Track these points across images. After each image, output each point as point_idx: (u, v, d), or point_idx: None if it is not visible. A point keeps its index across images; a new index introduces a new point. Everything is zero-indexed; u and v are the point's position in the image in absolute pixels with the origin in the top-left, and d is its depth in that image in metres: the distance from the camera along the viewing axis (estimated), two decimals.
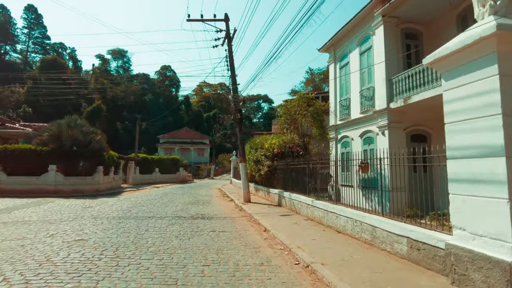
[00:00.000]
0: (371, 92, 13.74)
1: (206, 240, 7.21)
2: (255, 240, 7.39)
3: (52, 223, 9.12)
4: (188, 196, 19.14)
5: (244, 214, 11.60)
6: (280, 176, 14.08)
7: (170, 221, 9.79)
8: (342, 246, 6.51)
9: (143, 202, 14.96)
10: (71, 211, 11.67)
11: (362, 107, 14.40)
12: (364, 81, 14.38)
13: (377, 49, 13.35)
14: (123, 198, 16.88)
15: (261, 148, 16.12)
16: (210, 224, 9.32)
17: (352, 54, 15.51)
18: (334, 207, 8.34)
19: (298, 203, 11.08)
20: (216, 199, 17.74)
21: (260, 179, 15.89)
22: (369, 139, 14.04)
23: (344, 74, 16.23)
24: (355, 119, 14.83)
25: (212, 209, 13.08)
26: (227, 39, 15.35)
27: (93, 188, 19.77)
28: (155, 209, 12.66)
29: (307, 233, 7.86)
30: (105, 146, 21.65)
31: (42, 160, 18.55)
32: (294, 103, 14.18)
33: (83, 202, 14.70)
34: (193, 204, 14.59)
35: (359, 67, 14.75)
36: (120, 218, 10.04)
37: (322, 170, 14.03)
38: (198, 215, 11.24)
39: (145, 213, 11.32)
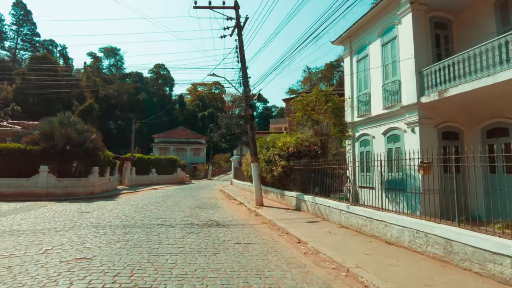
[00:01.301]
0: (397, 86, 12.61)
1: (236, 256, 5.95)
2: (294, 256, 6.15)
3: (45, 234, 7.75)
4: (191, 198, 17.80)
5: (263, 220, 10.35)
6: (297, 177, 12.87)
7: (182, 229, 8.49)
8: (409, 263, 5.31)
9: (145, 206, 13.60)
10: (67, 218, 10.28)
11: (385, 102, 13.27)
12: (388, 74, 13.25)
13: (403, 39, 12.23)
14: (122, 202, 15.47)
15: (273, 147, 14.89)
16: (231, 234, 8.05)
17: (372, 46, 14.38)
18: (382, 214, 7.14)
19: (326, 208, 9.88)
20: (222, 202, 16.45)
21: (273, 180, 14.65)
22: (394, 137, 12.91)
23: (363, 68, 15.10)
24: (377, 115, 13.69)
25: (224, 214, 11.80)
26: (237, 28, 14.08)
27: (87, 191, 18.29)
28: (160, 214, 11.33)
29: (353, 245, 6.65)
30: (100, 145, 20.15)
31: (32, 161, 17.02)
32: (311, 98, 12.98)
33: (78, 207, 13.28)
34: (201, 208, 13.28)
35: (381, 59, 13.63)
36: (125, 227, 8.70)
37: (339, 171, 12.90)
38: (211, 221, 9.95)
39: (152, 220, 9.99)
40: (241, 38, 14.02)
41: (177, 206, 13.94)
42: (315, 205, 10.74)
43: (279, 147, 14.09)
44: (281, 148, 13.98)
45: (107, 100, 70.32)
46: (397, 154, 12.67)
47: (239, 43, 14.00)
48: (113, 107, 71.28)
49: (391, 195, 12.73)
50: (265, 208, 12.67)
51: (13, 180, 16.58)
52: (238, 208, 13.84)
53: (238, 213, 12.20)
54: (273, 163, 14.24)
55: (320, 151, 13.14)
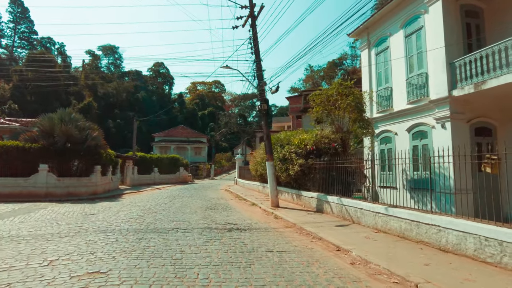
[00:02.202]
0: (423, 79, 11.80)
1: (275, 268, 5.09)
2: (341, 266, 5.30)
3: (48, 241, 6.86)
4: (199, 199, 16.92)
5: (286, 223, 9.50)
6: (317, 176, 12.02)
7: (201, 234, 7.63)
8: (486, 278, 4.46)
9: (153, 208, 12.71)
10: (70, 221, 9.38)
11: (410, 96, 12.46)
12: (413, 67, 12.43)
13: (431, 29, 11.42)
14: (127, 203, 14.57)
15: (288, 145, 14.03)
16: (257, 240, 7.19)
17: (393, 37, 13.56)
18: (434, 217, 6.28)
19: (357, 210, 9.02)
20: (233, 202, 15.58)
21: (288, 180, 13.78)
22: (420, 133, 12.10)
23: (382, 61, 14.27)
24: (400, 111, 12.87)
25: (240, 216, 10.94)
26: (250, 18, 13.21)
27: (89, 191, 17.36)
28: (171, 216, 10.45)
29: (403, 253, 5.80)
30: (102, 143, 19.23)
31: (31, 159, 16.08)
32: (331, 92, 12.12)
33: (81, 208, 12.38)
34: (213, 210, 12.41)
35: (405, 51, 12.80)
36: (137, 232, 7.82)
37: (360, 170, 12.10)
38: (229, 225, 9.09)
39: (164, 223, 9.11)
40: (255, 28, 13.15)
41: (186, 207, 13.07)
42: (341, 206, 9.88)
43: (296, 144, 13.23)
44: (297, 145, 13.12)
45: (106, 99, 69.27)
46: (423, 151, 11.87)
47: (253, 34, 13.13)
48: (112, 105, 70.20)
49: (417, 195, 11.91)
50: (282, 210, 11.82)
51: (10, 180, 15.64)
52: (252, 209, 12.97)
53: (255, 215, 11.33)
54: (289, 162, 13.38)
55: (341, 149, 12.29)
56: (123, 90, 74.88)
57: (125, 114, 69.49)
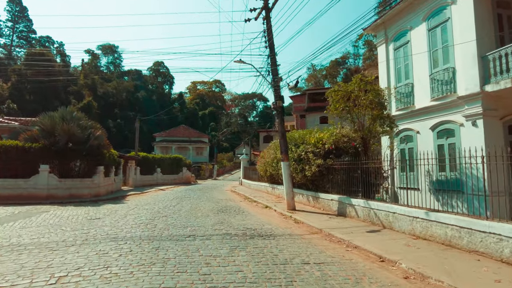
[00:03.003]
0: (450, 74, 11.10)
1: (321, 285, 4.35)
2: (396, 282, 4.57)
3: (54, 250, 6.12)
4: (207, 201, 16.18)
5: (309, 229, 8.77)
6: (338, 177, 11.31)
7: (222, 242, 6.90)
8: None
9: (162, 211, 11.97)
10: (75, 227, 8.64)
11: (434, 93, 11.76)
12: (437, 62, 11.72)
13: (459, 21, 10.70)
14: (133, 205, 13.82)
15: (303, 144, 13.31)
16: (286, 249, 6.47)
17: (414, 31, 12.85)
18: (493, 225, 5.56)
19: (389, 214, 8.30)
20: (244, 205, 14.85)
21: (304, 181, 13.05)
22: (447, 131, 11.39)
23: (402, 56, 13.56)
24: (423, 108, 12.16)
25: (257, 220, 10.21)
26: (264, 10, 12.48)
27: (92, 192, 16.60)
28: (184, 220, 9.72)
29: (461, 266, 5.08)
30: (105, 143, 18.48)
31: (31, 159, 15.33)
32: (351, 88, 11.41)
33: (86, 212, 11.64)
34: (225, 213, 11.68)
35: (428, 45, 12.09)
36: (151, 240, 7.08)
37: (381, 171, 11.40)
38: (249, 230, 8.36)
39: (178, 229, 8.37)
40: (270, 21, 12.43)
41: (197, 210, 12.33)
42: (369, 210, 9.16)
43: (312, 143, 12.50)
44: (314, 144, 12.40)
45: (106, 98, 68.47)
46: (450, 151, 11.17)
47: (267, 27, 12.41)
48: (112, 105, 69.40)
49: (443, 197, 11.19)
50: (300, 213, 11.10)
51: (9, 181, 14.88)
52: (267, 212, 12.24)
53: (272, 219, 10.60)
54: (305, 162, 12.66)
55: (361, 148, 11.58)
56: (123, 89, 74.11)
57: (125, 114, 68.77)
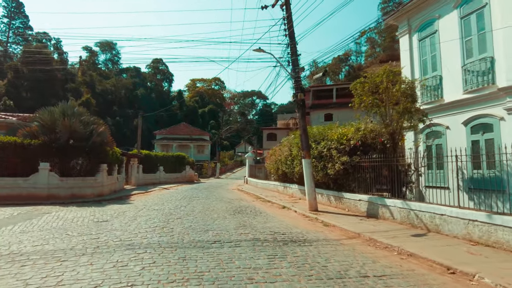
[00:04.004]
0: (488, 64, 10.26)
1: None
2: None
3: (62, 261, 5.21)
4: (217, 200, 15.27)
5: (344, 233, 7.89)
6: (366, 176, 10.45)
7: (254, 250, 6.01)
8: None
9: (173, 212, 11.07)
10: (83, 231, 7.72)
11: (468, 85, 10.93)
12: (472, 52, 10.88)
13: (500, 5, 9.85)
14: (141, 206, 12.91)
15: (324, 140, 12.43)
16: (332, 257, 5.59)
17: (443, 20, 12.00)
18: None
19: (434, 216, 7.44)
20: (258, 205, 13.96)
21: (325, 180, 12.17)
22: (483, 126, 10.56)
23: (428, 47, 12.69)
24: (454, 101, 11.33)
25: (281, 223, 9.33)
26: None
27: (96, 192, 15.66)
28: (201, 223, 8.82)
29: None
30: (109, 140, 17.53)
31: (30, 157, 14.35)
32: (379, 79, 10.54)
33: (91, 213, 10.71)
34: (242, 214, 10.80)
35: (460, 34, 11.24)
36: (172, 247, 6.17)
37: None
38: (278, 235, 7.48)
39: (199, 233, 7.48)
40: (290, 7, 11.52)
41: (211, 211, 11.43)
42: (408, 211, 8.30)
43: (335, 139, 11.63)
44: (338, 141, 11.53)
45: (104, 96, 67.32)
46: (488, 146, 10.34)
47: (286, 13, 11.50)
48: (111, 102, 68.26)
49: (478, 197, 10.38)
50: (325, 215, 10.23)
51: (7, 180, 13.89)
52: (287, 213, 11.37)
53: (297, 221, 9.73)
54: (327, 159, 11.79)
55: (390, 144, 10.72)
56: (121, 87, 72.96)
57: (124, 112, 67.71)
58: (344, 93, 43.33)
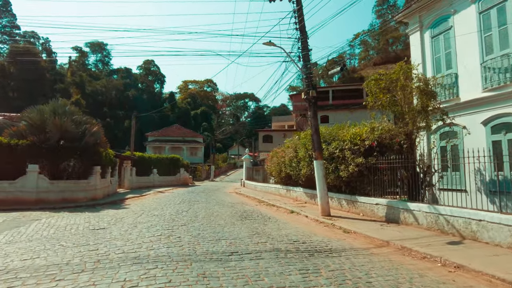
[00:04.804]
0: (510, 60, 9.75)
1: None
2: None
3: (57, 280, 4.38)
4: (218, 204, 14.46)
5: (370, 241, 7.19)
6: (384, 178, 9.80)
7: (280, 263, 5.26)
8: None
9: (175, 217, 10.24)
10: (78, 241, 6.85)
11: (487, 83, 10.42)
12: (492, 48, 10.37)
13: None
14: (139, 211, 12.02)
15: (335, 140, 11.77)
16: (371, 271, 4.87)
17: (459, 15, 11.50)
18: None
19: (470, 222, 6.79)
20: (263, 209, 13.21)
21: (337, 182, 11.49)
22: (505, 126, 10.04)
23: (442, 44, 12.16)
24: (472, 100, 10.82)
25: (296, 230, 8.58)
26: None
27: (89, 196, 14.69)
28: (210, 231, 8.03)
29: None
30: (103, 141, 16.59)
31: (18, 158, 13.32)
32: (395, 76, 9.95)
33: (85, 219, 9.80)
34: (250, 220, 10.03)
35: (479, 30, 10.73)
36: (186, 260, 5.37)
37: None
38: (298, 244, 6.74)
39: (210, 243, 6.68)
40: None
41: (216, 217, 10.63)
42: (437, 216, 7.65)
43: (348, 139, 10.98)
44: (351, 141, 10.88)
45: (94, 97, 65.82)
46: (510, 147, 9.81)
47: (297, 6, 10.83)
48: (101, 104, 66.75)
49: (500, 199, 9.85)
50: (341, 220, 9.53)
51: None
52: (297, 219, 10.63)
53: (312, 228, 9.00)
54: (339, 161, 11.12)
55: (407, 145, 10.11)
56: (112, 88, 71.51)
57: (115, 113, 66.33)
58: (340, 95, 43.17)
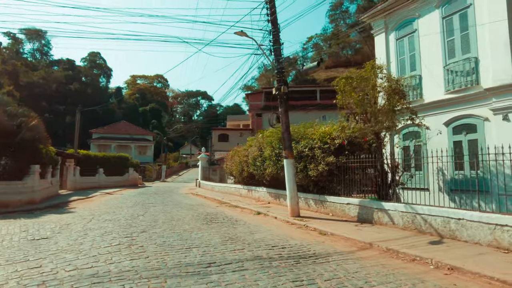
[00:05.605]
0: (472, 64, 10.17)
1: None
2: None
3: None
4: (178, 207, 13.45)
5: (351, 243, 6.83)
6: (356, 177, 9.65)
7: (268, 274, 4.64)
8: None
9: (131, 222, 9.13)
10: (14, 256, 5.61)
11: (450, 85, 10.80)
12: (454, 52, 10.76)
13: (485, 7, 9.78)
14: (87, 215, 10.63)
15: (304, 139, 11.44)
16: (368, 278, 4.44)
17: (423, 19, 11.84)
18: None
19: (449, 221, 6.72)
20: (226, 210, 12.49)
21: (306, 182, 11.16)
22: (466, 127, 10.43)
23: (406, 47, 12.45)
24: (435, 101, 11.17)
25: (270, 233, 8.00)
26: None
27: (25, 199, 12.80)
28: (176, 238, 7.14)
29: None
30: (43, 136, 14.64)
31: None
32: (367, 75, 9.85)
33: (22, 227, 8.32)
34: (217, 223, 9.28)
35: (442, 34, 11.10)
36: (158, 276, 4.50)
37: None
38: (279, 249, 6.17)
39: (180, 252, 5.84)
40: None
41: (178, 221, 9.70)
42: (414, 216, 7.55)
43: (318, 138, 10.69)
44: (320, 140, 10.60)
45: (31, 89, 59.62)
46: (471, 147, 10.20)
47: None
48: (38, 97, 60.58)
49: (460, 198, 10.21)
50: (313, 221, 9.16)
51: None
52: (267, 221, 10.08)
53: (285, 230, 8.49)
54: (309, 160, 10.79)
55: (376, 144, 10.08)
56: (52, 80, 65.42)
57: (55, 108, 60.85)
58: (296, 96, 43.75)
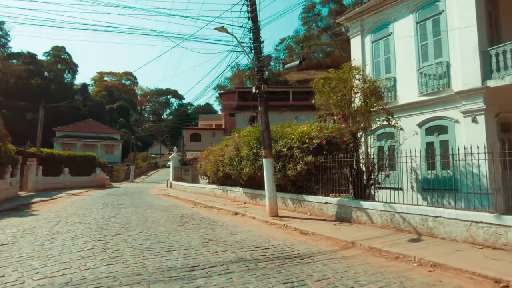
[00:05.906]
0: (444, 68, 10.58)
1: None
2: None
3: None
4: (151, 208, 12.96)
5: (334, 242, 6.80)
6: (334, 177, 9.71)
7: (256, 277, 4.48)
8: None
9: (103, 225, 8.63)
10: None
11: (423, 88, 11.18)
12: (427, 56, 11.15)
13: (457, 14, 10.23)
14: (53, 217, 9.94)
15: (281, 138, 11.39)
16: (358, 277, 4.40)
17: (398, 23, 12.19)
18: None
19: (427, 218, 6.86)
20: (202, 211, 12.19)
21: (284, 181, 11.09)
22: (438, 128, 10.83)
23: (382, 49, 12.77)
24: (409, 103, 11.52)
25: (250, 234, 7.83)
26: None
27: None
28: (152, 240, 6.81)
29: None
30: (2, 134, 13.58)
31: None
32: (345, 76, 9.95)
33: None
34: (195, 225, 8.99)
35: (416, 38, 11.48)
36: (140, 282, 4.20)
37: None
38: (263, 250, 6.03)
39: (159, 256, 5.54)
40: None
41: (152, 222, 9.31)
42: (392, 214, 7.68)
43: (297, 138, 10.68)
44: (299, 139, 10.60)
45: None
46: (442, 148, 10.59)
47: None
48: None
49: (432, 196, 10.57)
50: (292, 221, 9.10)
51: None
52: (246, 221, 9.90)
53: (265, 230, 8.35)
54: (288, 159, 10.75)
55: (353, 144, 10.23)
56: (10, 74, 61.31)
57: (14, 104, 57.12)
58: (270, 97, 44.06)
